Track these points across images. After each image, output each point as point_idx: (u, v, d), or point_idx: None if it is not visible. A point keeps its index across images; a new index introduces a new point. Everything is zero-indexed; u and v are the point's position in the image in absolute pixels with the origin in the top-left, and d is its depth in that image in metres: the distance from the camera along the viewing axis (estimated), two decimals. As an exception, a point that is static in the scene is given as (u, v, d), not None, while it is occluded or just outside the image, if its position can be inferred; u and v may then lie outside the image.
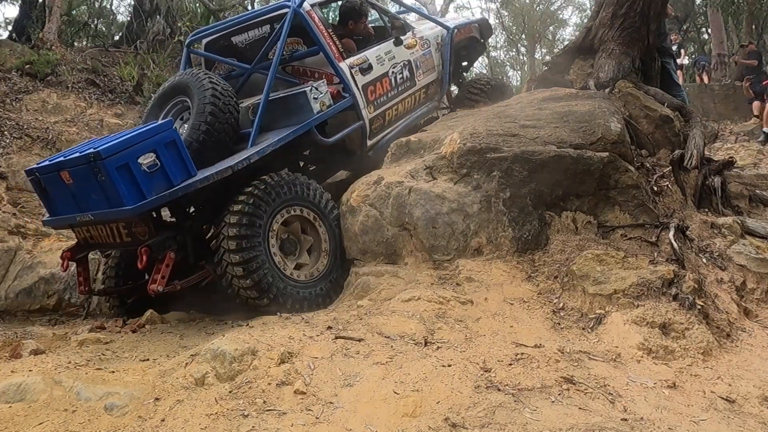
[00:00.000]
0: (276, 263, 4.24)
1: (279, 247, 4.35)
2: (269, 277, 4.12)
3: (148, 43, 11.97)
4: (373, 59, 5.52)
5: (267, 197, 4.26)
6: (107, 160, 3.85)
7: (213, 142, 4.58)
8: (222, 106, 4.65)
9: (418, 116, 6.11)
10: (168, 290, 4.10)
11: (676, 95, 6.18)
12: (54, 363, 3.22)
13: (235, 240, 4.06)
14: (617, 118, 4.87)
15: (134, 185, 3.94)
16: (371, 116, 5.41)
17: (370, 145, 5.53)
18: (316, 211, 4.59)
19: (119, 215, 4.01)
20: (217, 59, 5.64)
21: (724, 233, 4.62)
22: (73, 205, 4.22)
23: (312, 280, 4.41)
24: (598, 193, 4.53)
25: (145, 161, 3.98)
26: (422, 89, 6.07)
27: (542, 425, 2.58)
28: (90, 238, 4.55)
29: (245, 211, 4.13)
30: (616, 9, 6.05)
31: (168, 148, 4.11)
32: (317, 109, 4.87)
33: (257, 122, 4.71)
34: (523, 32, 29.51)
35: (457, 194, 4.41)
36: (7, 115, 8.26)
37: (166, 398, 2.84)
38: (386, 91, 5.59)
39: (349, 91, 5.20)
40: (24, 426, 2.65)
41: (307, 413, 2.69)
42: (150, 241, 4.06)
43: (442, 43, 6.35)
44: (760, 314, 4.07)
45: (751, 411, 2.97)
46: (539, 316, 3.74)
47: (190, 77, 4.88)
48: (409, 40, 5.97)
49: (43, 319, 5.90)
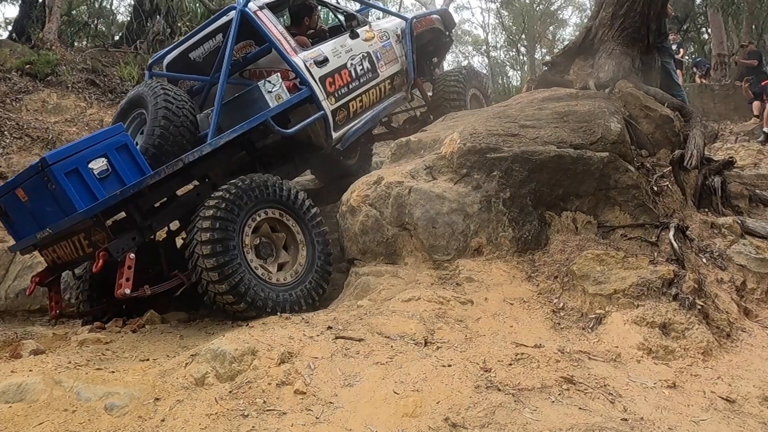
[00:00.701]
0: (252, 266, 4.14)
1: (255, 251, 4.26)
2: (246, 281, 3.99)
3: (148, 43, 11.96)
4: (329, 52, 5.52)
5: (239, 200, 4.19)
6: (54, 167, 3.85)
7: (169, 145, 4.60)
8: (175, 109, 4.69)
9: (386, 107, 6.12)
10: (137, 295, 4.02)
11: (676, 95, 6.18)
12: (54, 363, 3.22)
13: (209, 244, 3.96)
14: (617, 118, 4.87)
15: (86, 191, 3.93)
16: (333, 107, 5.39)
17: (336, 137, 5.50)
18: (291, 212, 4.52)
19: (73, 221, 3.94)
20: (176, 77, 5.67)
21: (724, 233, 4.62)
22: (33, 224, 4.20)
23: (290, 283, 4.31)
24: (598, 193, 4.53)
25: (96, 166, 3.97)
26: (386, 80, 6.07)
27: (542, 425, 2.58)
28: (57, 259, 4.51)
29: (217, 216, 4.04)
30: (616, 9, 6.05)
31: (119, 151, 4.11)
32: (273, 103, 4.88)
33: (213, 121, 4.70)
34: (523, 32, 29.49)
35: (457, 194, 4.41)
36: (7, 115, 8.25)
37: (166, 398, 2.83)
38: (347, 82, 5.58)
39: (305, 83, 5.18)
40: (24, 426, 2.65)
41: (307, 413, 2.69)
42: (106, 245, 4.00)
43: (402, 34, 6.36)
44: (760, 314, 4.07)
45: (751, 411, 2.97)
46: (539, 316, 3.74)
47: (144, 88, 4.94)
48: (366, 33, 5.97)
49: (43, 319, 5.89)
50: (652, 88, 5.87)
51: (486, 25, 30.31)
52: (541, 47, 30.17)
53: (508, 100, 6.23)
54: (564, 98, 5.40)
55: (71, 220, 3.93)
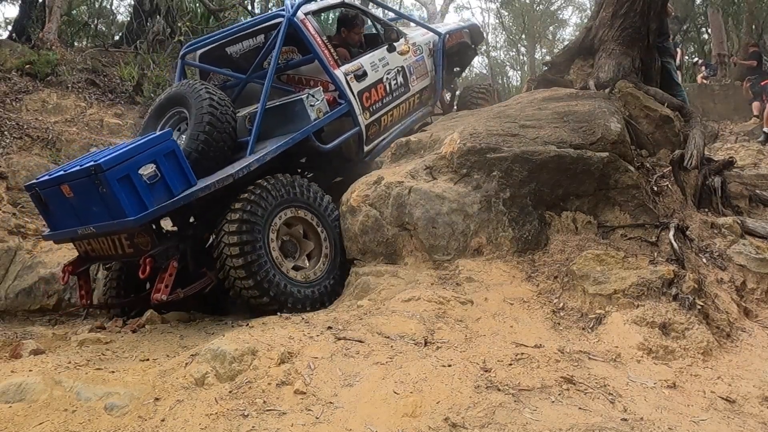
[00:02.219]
0: (276, 262, 4.28)
1: (279, 247, 4.39)
2: (270, 276, 4.16)
3: (148, 43, 11.96)
4: (368, 66, 5.54)
5: (263, 201, 4.29)
6: (108, 173, 3.89)
7: (211, 151, 4.61)
8: (219, 115, 4.68)
9: (413, 121, 6.14)
10: (171, 299, 4.13)
11: (676, 95, 6.17)
12: (54, 363, 3.22)
13: (237, 246, 4.10)
14: (617, 118, 4.87)
15: (135, 196, 3.98)
16: (367, 122, 5.43)
17: (367, 150, 5.56)
18: (315, 213, 4.61)
19: (122, 226, 4.03)
20: (212, 70, 5.67)
21: (724, 233, 4.62)
22: (74, 219, 4.24)
23: (313, 281, 4.43)
24: (598, 193, 4.53)
25: (146, 172, 4.02)
26: (416, 95, 6.11)
27: (542, 425, 2.58)
28: (91, 251, 4.57)
29: (243, 219, 4.16)
30: (616, 9, 6.04)
31: (167, 158, 4.15)
32: (314, 117, 4.90)
33: (255, 131, 4.72)
34: (523, 32, 29.49)
35: (457, 194, 4.41)
36: (7, 115, 8.25)
37: (166, 398, 2.84)
38: (381, 97, 5.62)
39: (344, 97, 5.22)
40: (24, 426, 2.65)
41: (307, 413, 2.69)
42: (153, 251, 4.08)
43: (434, 48, 6.40)
44: (760, 314, 4.07)
45: (751, 411, 2.97)
46: (539, 316, 3.73)
47: (186, 88, 4.91)
48: (402, 46, 5.99)
49: (43, 319, 5.90)
50: (652, 88, 5.87)
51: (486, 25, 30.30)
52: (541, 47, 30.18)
53: (508, 100, 6.23)
54: (564, 98, 5.40)
55: (122, 225, 4.00)
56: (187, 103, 4.82)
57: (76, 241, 4.60)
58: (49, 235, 4.69)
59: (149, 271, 4.03)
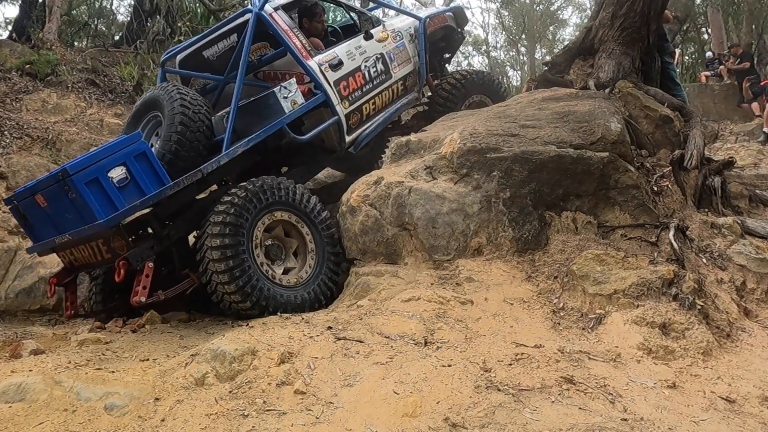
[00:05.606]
0: (261, 268, 4.21)
1: (265, 252, 4.33)
2: (253, 282, 4.08)
3: (148, 43, 11.95)
4: (343, 55, 5.48)
5: (248, 204, 4.23)
6: (75, 177, 3.90)
7: (186, 151, 4.58)
8: (192, 115, 4.66)
9: (398, 108, 6.08)
10: (152, 301, 4.11)
11: (676, 95, 6.18)
12: (54, 363, 3.22)
13: (219, 250, 4.04)
14: (617, 118, 4.87)
15: (106, 199, 3.97)
16: (347, 111, 5.37)
17: (350, 140, 5.49)
18: (302, 215, 4.54)
19: (93, 230, 3.99)
20: (190, 74, 5.65)
21: (724, 233, 4.62)
22: (52, 228, 4.25)
23: (296, 285, 4.35)
24: (598, 193, 4.53)
25: (115, 175, 4.01)
26: (399, 81, 6.02)
27: (542, 425, 2.58)
28: (75, 261, 4.56)
29: (227, 221, 4.11)
30: (616, 9, 6.05)
31: (138, 160, 4.14)
32: (289, 109, 4.87)
33: (229, 128, 4.68)
34: (523, 32, 29.50)
35: (457, 194, 4.41)
36: (7, 115, 8.25)
37: (166, 398, 2.84)
38: (360, 85, 5.55)
39: (320, 87, 5.17)
40: (24, 426, 2.65)
41: (307, 413, 2.69)
42: (126, 254, 4.06)
43: (416, 34, 6.29)
44: (760, 314, 4.07)
45: (751, 411, 2.96)
46: (539, 316, 3.73)
47: (160, 91, 4.90)
48: (379, 33, 5.92)
49: (43, 319, 5.89)
50: (652, 88, 5.87)
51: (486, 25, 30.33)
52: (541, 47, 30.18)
53: (508, 100, 6.23)
54: (564, 98, 5.40)
55: (93, 229, 3.98)
56: (161, 107, 4.80)
57: (58, 252, 4.59)
58: (31, 248, 4.69)
59: (124, 274, 4.00)
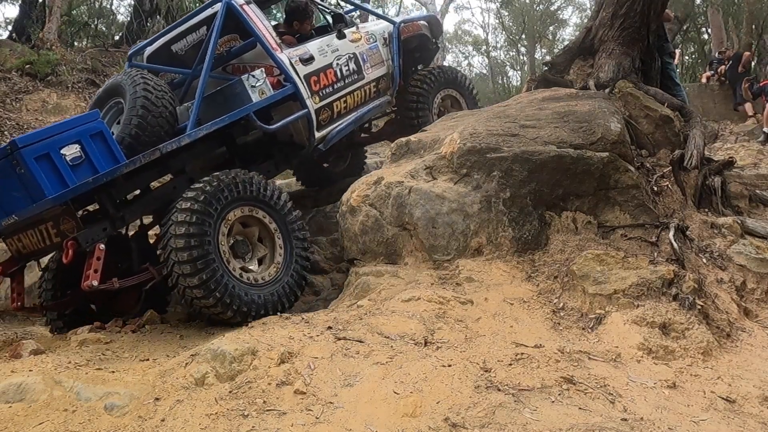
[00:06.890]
0: (227, 264, 4.02)
1: (231, 248, 4.14)
2: (218, 278, 3.85)
3: (148, 43, 11.95)
4: (315, 50, 5.46)
5: (219, 194, 4.05)
6: (25, 150, 3.67)
7: (146, 135, 4.45)
8: (155, 99, 4.57)
9: (371, 110, 6.05)
10: (105, 287, 3.89)
11: (676, 95, 6.18)
12: (54, 363, 3.21)
13: (183, 238, 3.82)
14: (617, 118, 4.87)
15: (57, 177, 3.75)
16: (317, 106, 5.33)
17: (320, 137, 5.43)
18: (272, 212, 4.38)
19: (42, 207, 3.77)
20: (157, 69, 5.55)
21: (724, 233, 4.62)
22: None
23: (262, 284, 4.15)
24: (598, 193, 4.53)
25: (69, 153, 3.82)
26: (372, 83, 6.01)
27: (542, 425, 2.58)
28: (22, 248, 4.32)
29: (195, 209, 3.90)
30: (616, 9, 6.05)
31: (94, 139, 3.94)
32: (256, 98, 4.81)
33: (194, 115, 4.62)
34: (523, 32, 29.52)
35: (457, 194, 4.41)
36: (7, 115, 8.25)
37: (166, 398, 2.84)
38: (332, 82, 5.52)
39: (290, 80, 5.12)
40: (24, 426, 2.65)
41: (307, 413, 2.69)
42: (76, 234, 3.83)
43: (390, 38, 6.29)
44: (760, 314, 4.07)
45: (751, 411, 2.97)
46: (539, 316, 3.73)
47: (122, 77, 4.84)
48: (353, 34, 5.91)
49: (42, 319, 5.89)
50: (652, 88, 5.87)
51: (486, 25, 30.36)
52: (541, 47, 30.20)
53: (508, 100, 6.23)
54: (564, 98, 5.40)
55: (40, 207, 3.77)
56: (123, 93, 4.70)
57: (4, 239, 4.35)
58: None
59: (72, 255, 3.76)
